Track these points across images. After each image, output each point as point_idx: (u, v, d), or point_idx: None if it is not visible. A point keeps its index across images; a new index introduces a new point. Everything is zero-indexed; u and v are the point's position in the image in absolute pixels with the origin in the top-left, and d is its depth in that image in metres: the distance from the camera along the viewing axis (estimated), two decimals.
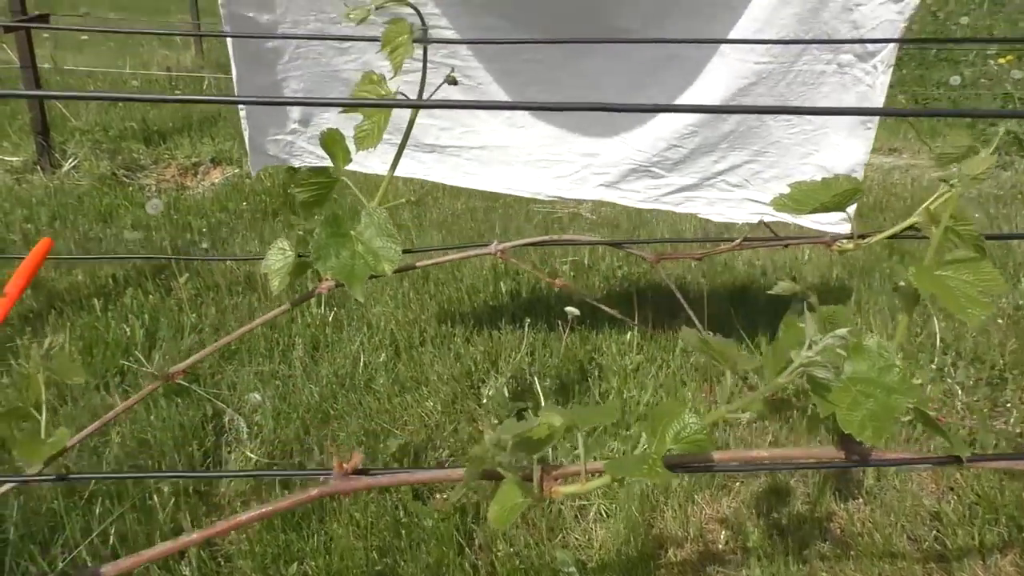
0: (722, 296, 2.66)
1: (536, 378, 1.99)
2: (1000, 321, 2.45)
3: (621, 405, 2.03)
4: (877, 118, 2.00)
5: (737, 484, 1.83)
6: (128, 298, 2.60)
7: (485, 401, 2.12)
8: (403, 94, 1.01)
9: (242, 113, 1.98)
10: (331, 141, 1.09)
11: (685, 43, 1.80)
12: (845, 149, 1.88)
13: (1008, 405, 2.11)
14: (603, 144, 2.03)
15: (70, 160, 3.95)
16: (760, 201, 2.02)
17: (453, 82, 1.05)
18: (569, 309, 2.15)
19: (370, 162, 1.97)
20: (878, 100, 1.81)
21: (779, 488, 1.82)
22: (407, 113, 1.06)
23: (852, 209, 1.99)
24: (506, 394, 2.10)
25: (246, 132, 2.01)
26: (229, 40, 1.85)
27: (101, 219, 3.30)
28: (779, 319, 0.86)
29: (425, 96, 1.02)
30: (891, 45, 1.74)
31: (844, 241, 1.08)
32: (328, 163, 1.10)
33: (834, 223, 1.94)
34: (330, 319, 2.51)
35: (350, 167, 1.09)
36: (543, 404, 1.95)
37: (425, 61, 1.00)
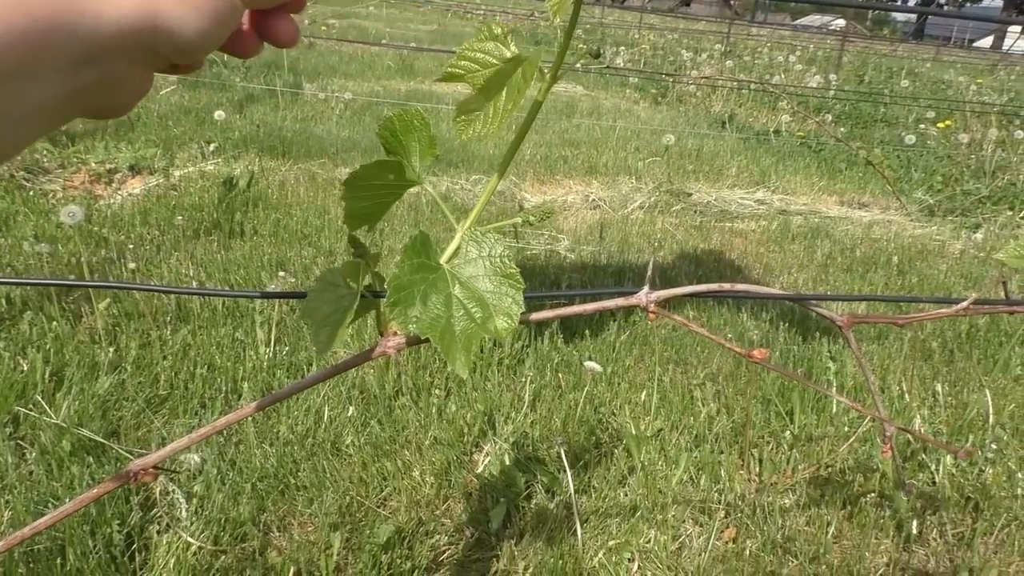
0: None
1: (561, 449, 1.63)
2: None
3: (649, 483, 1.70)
4: None
5: None
6: (26, 324, 2.11)
7: (481, 470, 1.75)
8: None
9: None
10: (404, 127, 0.73)
11: None
12: None
13: None
14: None
15: None
16: None
17: (596, 55, 0.72)
18: (590, 365, 1.81)
19: None
20: None
21: None
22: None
23: None
24: (508, 462, 1.74)
25: None
26: None
27: None
28: None
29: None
30: None
31: None
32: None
33: None
34: (281, 358, 2.09)
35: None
36: (568, 483, 1.60)
37: (577, 6, 0.66)
